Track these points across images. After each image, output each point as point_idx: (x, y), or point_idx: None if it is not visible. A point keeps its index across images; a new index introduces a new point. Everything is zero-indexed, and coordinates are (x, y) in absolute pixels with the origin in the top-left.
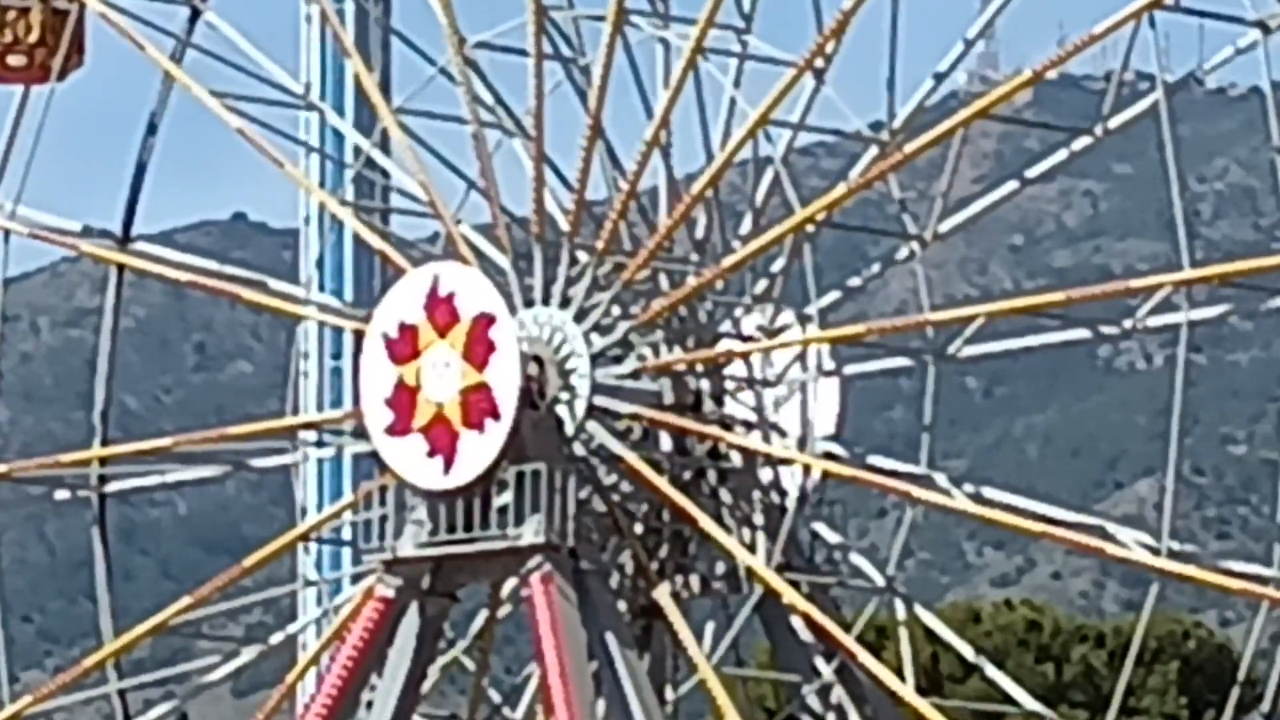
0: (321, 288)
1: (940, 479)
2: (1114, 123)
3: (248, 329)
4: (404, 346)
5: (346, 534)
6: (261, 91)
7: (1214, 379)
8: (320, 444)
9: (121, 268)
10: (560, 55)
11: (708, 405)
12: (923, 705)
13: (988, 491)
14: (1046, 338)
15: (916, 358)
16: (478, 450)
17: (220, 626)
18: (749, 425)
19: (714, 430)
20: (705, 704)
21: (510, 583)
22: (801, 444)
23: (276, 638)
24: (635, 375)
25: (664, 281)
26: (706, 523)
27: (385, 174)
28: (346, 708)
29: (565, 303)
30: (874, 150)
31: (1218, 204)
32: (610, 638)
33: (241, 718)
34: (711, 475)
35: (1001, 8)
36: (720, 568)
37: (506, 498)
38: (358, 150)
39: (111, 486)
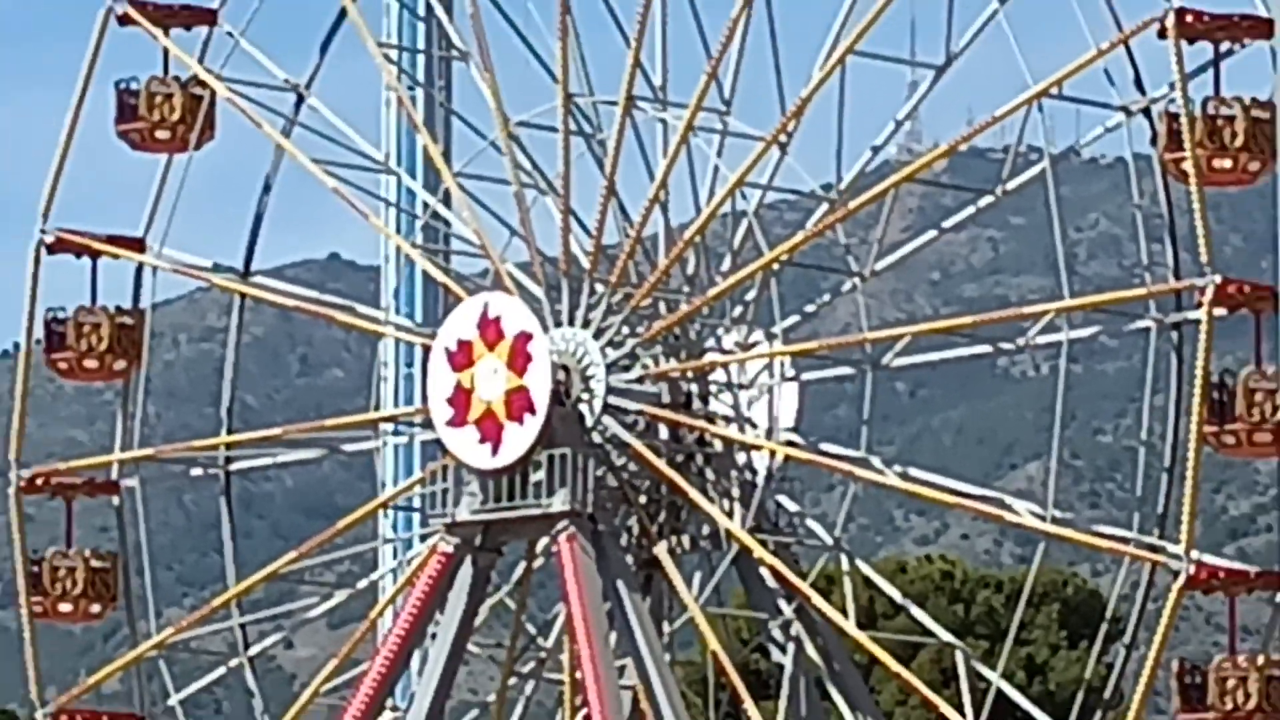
0: (398, 312)
1: (875, 461)
2: (1011, 185)
3: (340, 343)
4: (461, 357)
5: (416, 503)
6: (351, 159)
7: (1087, 384)
8: (396, 433)
9: (243, 296)
10: (582, 131)
11: (696, 403)
12: (861, 637)
13: (913, 471)
14: (958, 352)
15: (857, 367)
16: (518, 438)
17: (318, 574)
18: (728, 419)
19: (701, 423)
20: (693, 635)
21: (542, 541)
22: (769, 434)
23: (362, 583)
24: (640, 380)
25: (662, 307)
26: (695, 495)
27: (447, 224)
28: (416, 638)
29: (586, 324)
30: (825, 206)
31: (1091, 248)
32: (620, 584)
33: (335, 646)
34: (699, 458)
35: (923, 96)
36: (705, 530)
37: (540, 475)
38: (425, 205)
39: (234, 466)
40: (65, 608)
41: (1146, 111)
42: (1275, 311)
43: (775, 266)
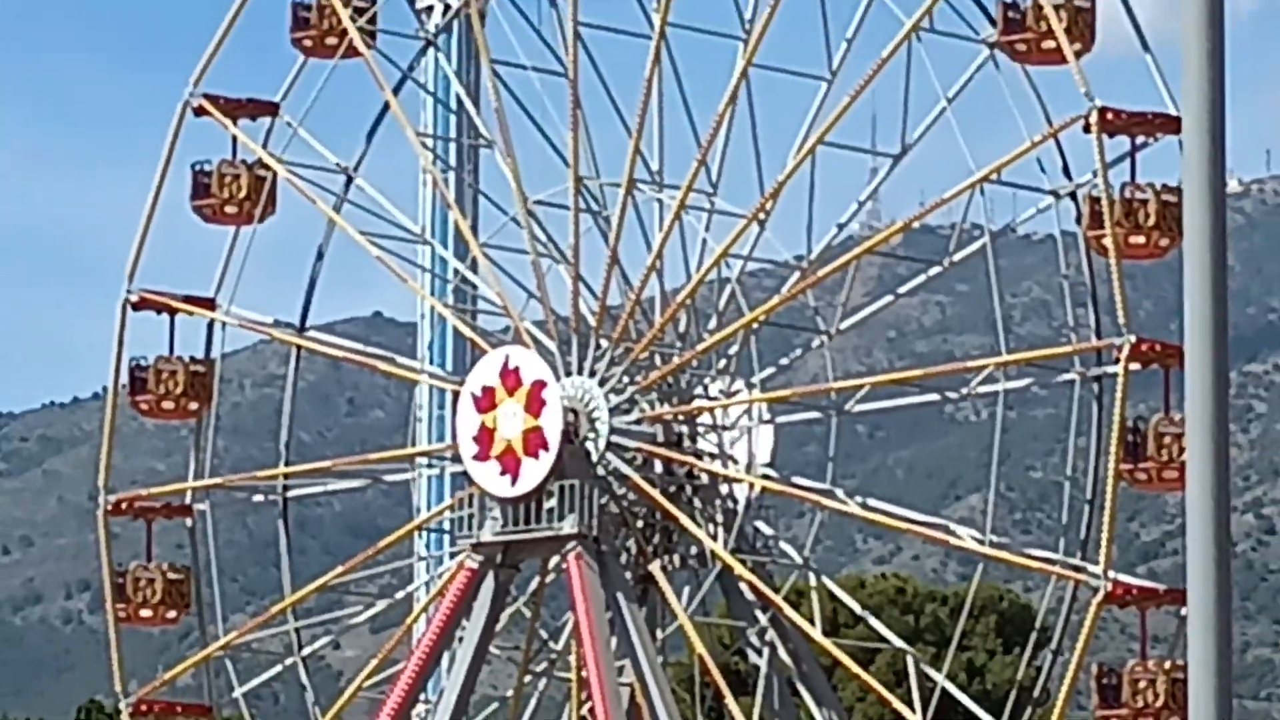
0: (431, 362)
1: (839, 493)
2: (957, 257)
3: (382, 389)
4: (485, 401)
5: (447, 526)
6: (392, 231)
7: (1020, 428)
8: (429, 466)
9: (299, 348)
10: (590, 209)
11: (686, 442)
12: (826, 643)
13: (871, 501)
14: (910, 399)
15: (824, 412)
16: (534, 471)
17: (362, 586)
18: (713, 456)
19: (690, 459)
20: (682, 640)
21: (554, 559)
22: (748, 468)
23: (399, 594)
24: (638, 422)
25: (658, 359)
26: (684, 520)
27: (474, 287)
28: (445, 642)
29: (593, 373)
30: (797, 274)
31: (1024, 311)
32: (620, 596)
33: (376, 647)
34: (688, 489)
35: (882, 180)
36: (693, 550)
37: (552, 503)
38: (456, 271)
39: (291, 493)
40: (145, 613)
41: (1073, 195)
42: (1181, 367)
43: (754, 326)
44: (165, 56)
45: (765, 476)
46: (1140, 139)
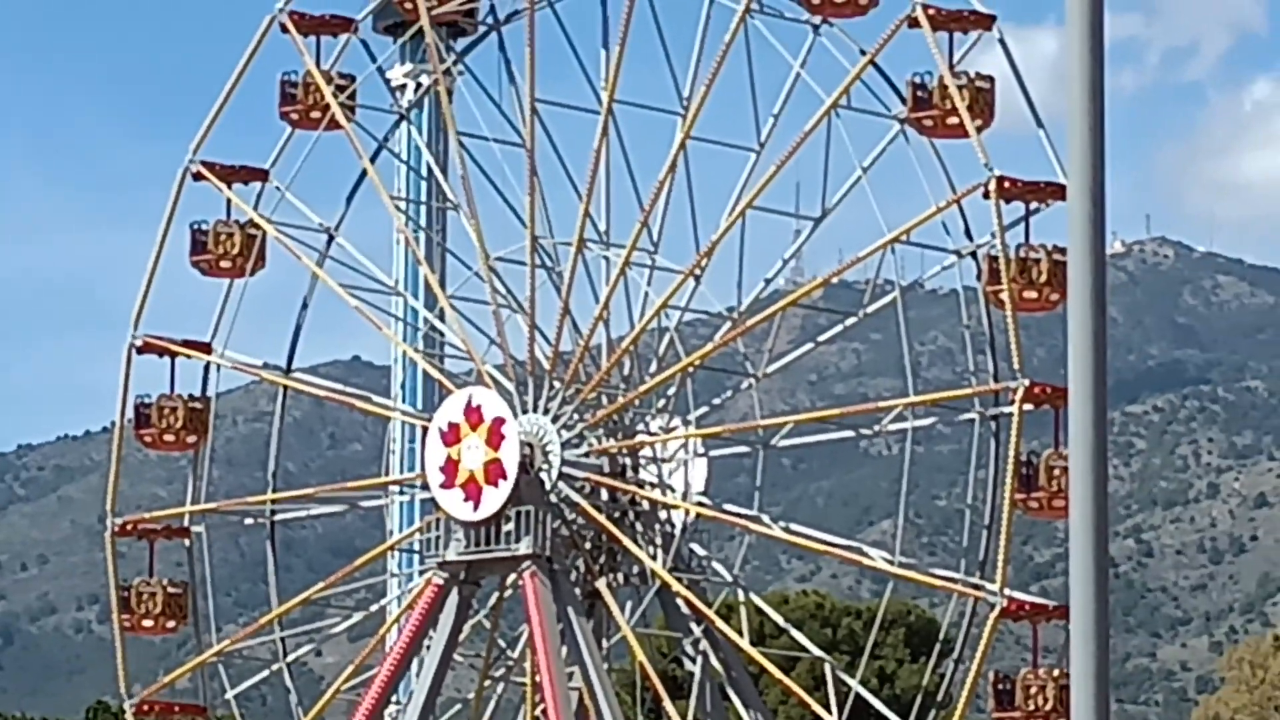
0: (404, 401)
1: (765, 518)
2: (870, 309)
3: (360, 424)
4: (451, 436)
5: (416, 546)
6: (369, 284)
7: (926, 461)
8: (401, 493)
9: (285, 387)
10: (545, 265)
11: (629, 473)
12: (753, 652)
13: (794, 526)
14: (829, 435)
15: (752, 446)
16: (494, 498)
17: (341, 600)
18: (653, 485)
19: (632, 488)
20: (625, 649)
21: (511, 576)
22: (684, 496)
23: (374, 607)
24: (587, 455)
25: (604, 399)
26: (627, 542)
27: (441, 334)
28: (415, 649)
29: (546, 411)
30: (728, 324)
31: (930, 358)
32: (570, 610)
33: (353, 654)
34: (631, 514)
35: (805, 240)
36: (635, 569)
37: (510, 526)
38: (425, 320)
39: (278, 517)
40: (147, 623)
41: (974, 254)
42: (1067, 406)
43: (690, 369)
44: (168, 126)
45: (700, 503)
46: (1034, 204)
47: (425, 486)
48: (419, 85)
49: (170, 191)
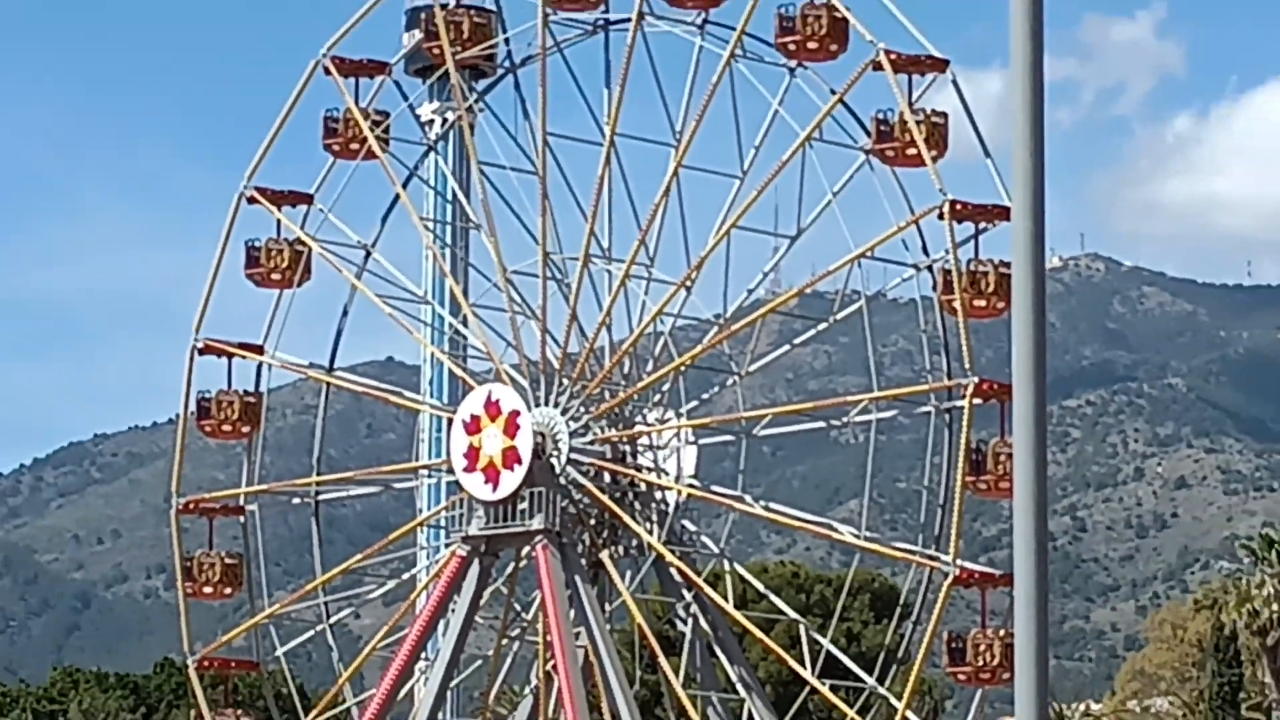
0: (432, 396)
1: (748, 499)
2: (840, 316)
3: (393, 416)
4: (473, 426)
5: (443, 523)
6: (401, 294)
7: (889, 449)
8: (429, 476)
9: (328, 384)
10: (555, 277)
11: (628, 458)
12: (737, 615)
13: (773, 505)
14: (804, 425)
15: (737, 435)
16: (510, 480)
17: (377, 570)
18: (650, 469)
19: (631, 471)
20: (625, 613)
21: (525, 549)
22: (677, 479)
23: (405, 575)
24: (591, 443)
25: (607, 394)
26: (627, 519)
27: (464, 338)
28: (441, 612)
29: (556, 405)
30: (716, 328)
31: (893, 358)
32: (577, 578)
33: (387, 617)
34: (630, 495)
35: (782, 256)
36: (634, 542)
37: (524, 505)
38: (451, 325)
39: (321, 497)
40: (207, 590)
41: (930, 268)
42: (1011, 401)
43: (682, 368)
44: (225, 156)
45: (690, 485)
46: (982, 225)
47: (450, 470)
48: (445, 120)
49: (227, 213)
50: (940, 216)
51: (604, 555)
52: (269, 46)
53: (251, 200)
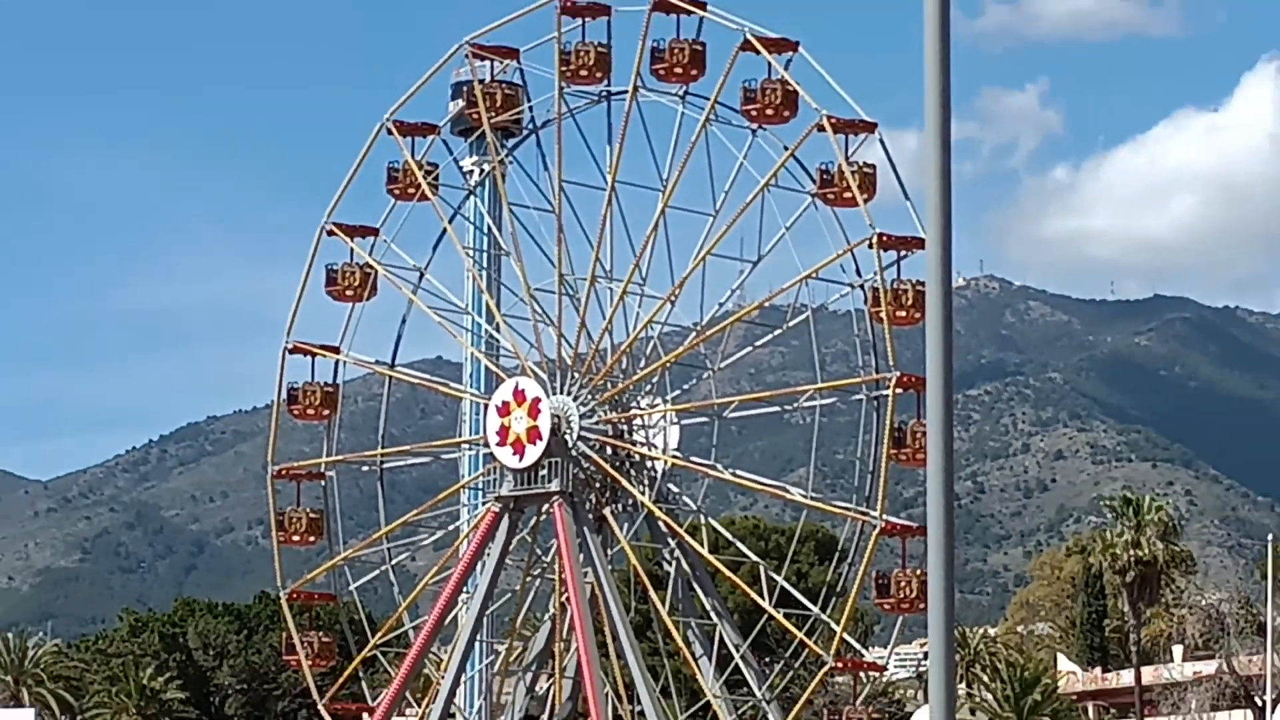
0: (473, 387)
1: (719, 467)
2: (792, 323)
3: (441, 403)
4: (504, 410)
5: (480, 486)
6: (447, 306)
7: (830, 428)
8: (470, 450)
9: (391, 377)
10: (568, 293)
11: (626, 435)
12: (711, 558)
13: (739, 472)
14: (764, 410)
15: (710, 417)
16: (533, 453)
17: (428, 522)
18: (643, 443)
19: (628, 445)
20: (623, 556)
21: (545, 506)
22: (664, 451)
23: (451, 527)
24: (597, 423)
25: (609, 385)
26: (625, 483)
27: (498, 341)
28: (479, 555)
29: (569, 393)
30: (694, 333)
31: (833, 357)
32: (585, 529)
33: (437, 559)
34: (627, 464)
35: (747, 275)
36: (630, 501)
37: (544, 471)
38: (486, 331)
39: (385, 465)
40: (295, 538)
41: (862, 286)
42: (925, 390)
43: (668, 365)
44: (310, 195)
45: (674, 456)
46: (903, 252)
47: (486, 445)
48: (482, 171)
49: (311, 243)
50: (870, 246)
51: (606, 511)
52: (341, 107)
53: (330, 233)
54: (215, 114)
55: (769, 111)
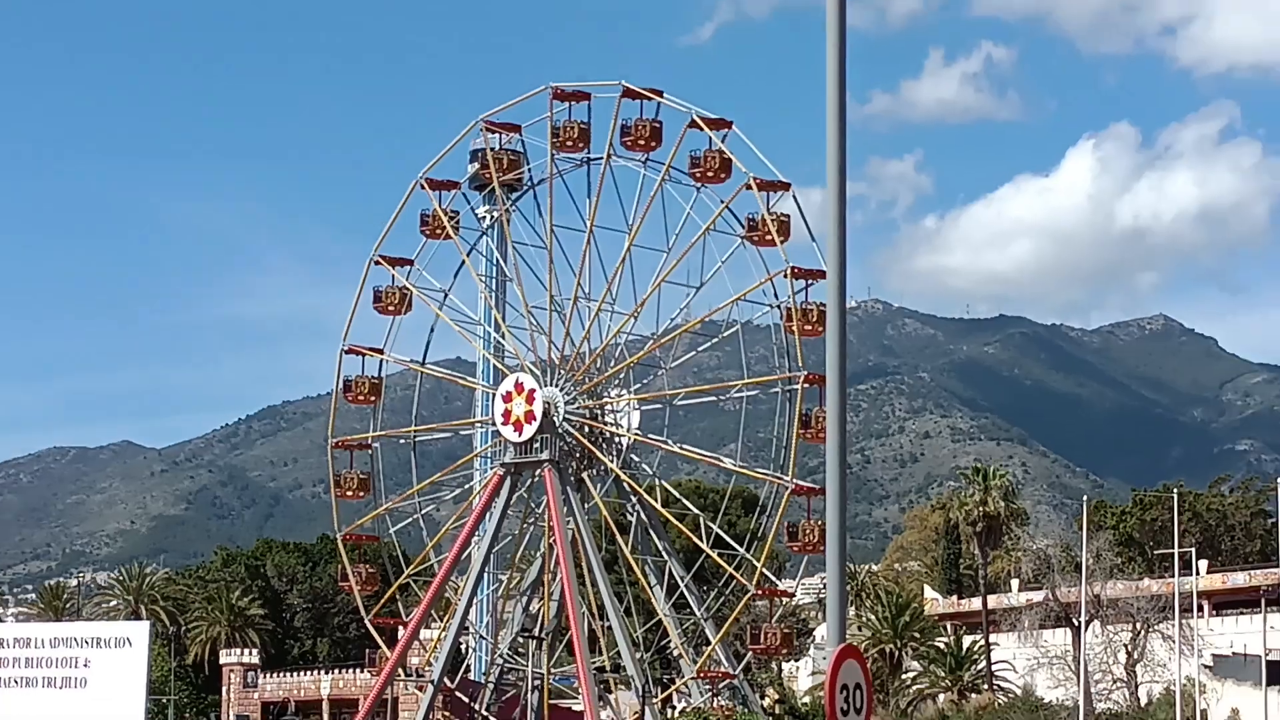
0: (483, 379)
1: (670, 442)
2: (726, 334)
3: (460, 392)
4: (507, 398)
5: (489, 454)
6: (465, 319)
7: (754, 413)
8: (481, 427)
9: (421, 372)
10: (557, 310)
11: (599, 418)
12: (663, 511)
13: (684, 446)
14: (704, 399)
15: (664, 405)
16: (529, 430)
17: (450, 482)
18: (612, 424)
19: (601, 425)
20: (597, 510)
21: (538, 471)
22: (628, 430)
23: (466, 486)
24: (578, 409)
25: (587, 379)
26: (598, 453)
27: (503, 346)
28: (488, 508)
29: (557, 385)
30: (652, 341)
31: (757, 360)
32: (568, 489)
33: (456, 510)
34: (600, 439)
35: (691, 298)
36: (602, 468)
37: (537, 445)
38: (494, 338)
39: (417, 439)
40: (349, 494)
41: (779, 307)
42: (825, 386)
43: (632, 365)
44: (360, 233)
45: (636, 434)
46: (810, 281)
47: (493, 424)
48: (493, 216)
49: (362, 270)
50: (785, 276)
51: (584, 475)
52: (385, 166)
53: (377, 263)
54: (290, 172)
55: (709, 174)
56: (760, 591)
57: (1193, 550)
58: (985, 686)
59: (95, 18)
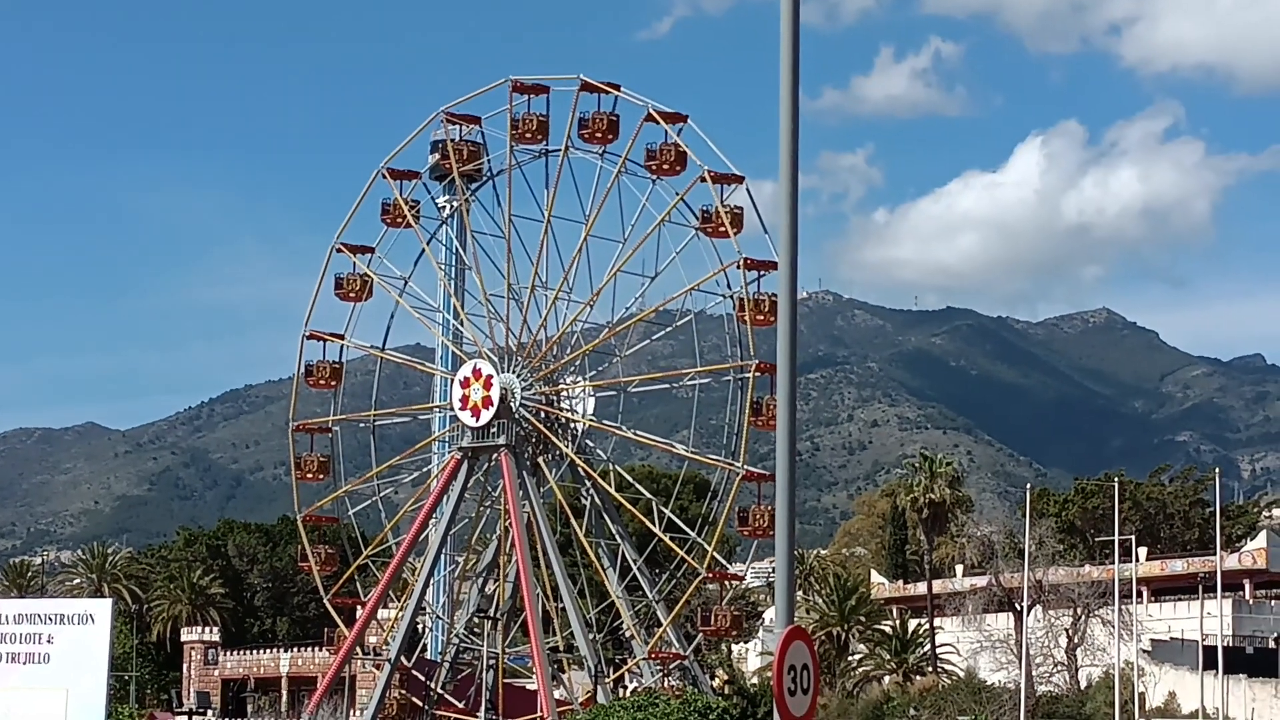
0: (442, 365)
1: (624, 428)
2: (680, 323)
3: (419, 377)
4: (465, 383)
5: (447, 438)
6: (425, 305)
7: (707, 400)
8: (440, 412)
9: (381, 357)
10: (514, 298)
11: (556, 403)
12: (617, 495)
13: (638, 432)
14: (658, 386)
15: (618, 391)
16: (486, 415)
17: (409, 465)
18: (568, 410)
19: (557, 411)
20: (552, 493)
21: (495, 455)
22: (583, 416)
23: (425, 469)
24: (534, 395)
25: (543, 366)
26: (553, 438)
27: (462, 332)
28: (445, 490)
29: (514, 371)
30: (607, 329)
31: (710, 348)
32: (524, 473)
33: (414, 494)
34: (556, 424)
35: (646, 288)
36: (558, 453)
37: (494, 429)
38: (453, 325)
39: (377, 423)
40: (309, 475)
41: (732, 297)
42: (776, 374)
43: (588, 352)
44: (323, 221)
45: (591, 420)
46: (762, 272)
47: (451, 409)
48: (452, 206)
49: (324, 258)
50: (738, 267)
51: (540, 460)
52: (347, 156)
53: (339, 250)
54: (258, 163)
55: (665, 166)
56: (711, 575)
57: (1133, 538)
58: (930, 669)
59: (65, 11)
